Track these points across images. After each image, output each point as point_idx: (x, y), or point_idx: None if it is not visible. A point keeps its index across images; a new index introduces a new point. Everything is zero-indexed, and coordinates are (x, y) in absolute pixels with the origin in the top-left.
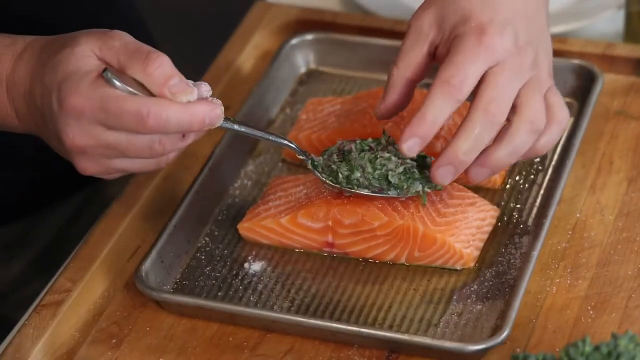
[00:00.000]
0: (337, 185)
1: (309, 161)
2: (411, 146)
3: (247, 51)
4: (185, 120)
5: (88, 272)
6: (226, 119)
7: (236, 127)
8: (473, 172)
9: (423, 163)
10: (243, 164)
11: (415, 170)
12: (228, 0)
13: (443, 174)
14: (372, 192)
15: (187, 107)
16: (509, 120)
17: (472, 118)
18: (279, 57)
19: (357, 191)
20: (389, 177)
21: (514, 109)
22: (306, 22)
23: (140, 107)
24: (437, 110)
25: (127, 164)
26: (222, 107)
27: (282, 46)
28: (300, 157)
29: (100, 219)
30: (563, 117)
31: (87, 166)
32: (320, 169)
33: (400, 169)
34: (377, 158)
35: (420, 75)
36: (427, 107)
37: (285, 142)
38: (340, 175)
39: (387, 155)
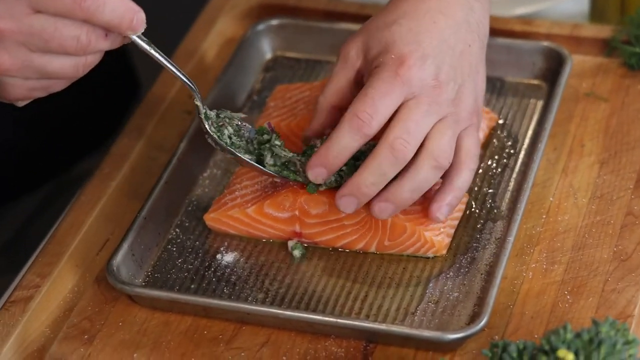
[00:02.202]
0: (221, 143)
1: (203, 112)
2: (317, 174)
3: (211, 38)
4: (120, 10)
5: (57, 267)
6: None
7: (149, 48)
8: (376, 207)
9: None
10: (212, 153)
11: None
12: None
13: (345, 203)
14: (250, 158)
15: None
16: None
17: (378, 152)
18: (244, 43)
19: (238, 154)
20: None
21: (422, 144)
22: (270, 7)
23: None
24: (342, 144)
25: (46, 61)
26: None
27: (247, 32)
28: (197, 102)
29: (66, 212)
30: (472, 160)
31: (1, 58)
32: (210, 123)
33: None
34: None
35: (345, 102)
36: (334, 139)
37: (189, 83)
38: (226, 133)
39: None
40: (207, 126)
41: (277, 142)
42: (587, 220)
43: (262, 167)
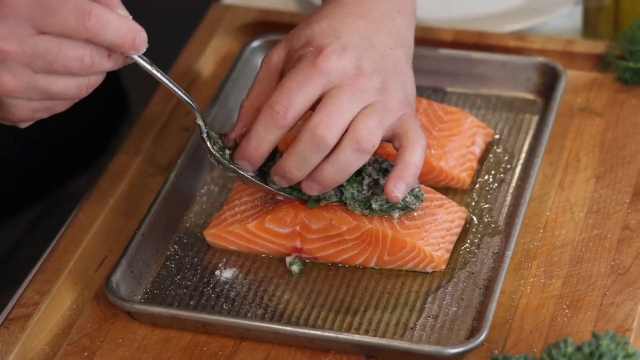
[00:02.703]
0: (224, 162)
1: (205, 132)
2: (243, 165)
3: (207, 55)
4: (122, 30)
5: (55, 285)
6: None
7: (151, 68)
8: (304, 185)
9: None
10: (209, 169)
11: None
12: (184, 3)
13: (278, 181)
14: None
15: (126, 18)
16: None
17: (300, 138)
18: (241, 60)
19: (241, 172)
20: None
21: (347, 128)
22: (265, 24)
23: (84, 4)
24: (259, 137)
25: (50, 82)
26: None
27: (244, 49)
28: (199, 122)
29: (64, 229)
30: (418, 137)
31: (5, 80)
32: (212, 142)
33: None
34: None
35: None
36: (252, 132)
37: (192, 103)
38: (227, 152)
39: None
40: (209, 145)
41: None
42: (584, 234)
43: (265, 185)
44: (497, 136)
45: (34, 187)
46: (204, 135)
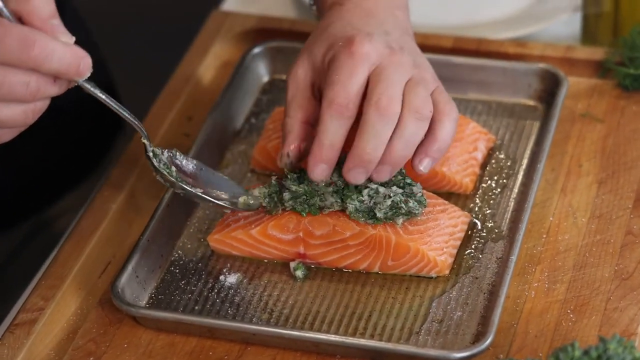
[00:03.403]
0: (170, 179)
1: (151, 150)
2: (319, 172)
3: (207, 62)
4: (67, 58)
5: (60, 290)
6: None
7: (95, 90)
8: (377, 171)
9: (410, 191)
10: None
11: (403, 205)
12: (184, 10)
13: (355, 175)
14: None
15: (70, 46)
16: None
17: (367, 117)
18: (241, 66)
19: (188, 188)
20: (376, 211)
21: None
22: (265, 30)
23: (28, 34)
24: (331, 133)
25: (6, 113)
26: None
27: (244, 55)
28: (144, 141)
29: (68, 235)
30: (451, 109)
31: None
32: (158, 160)
33: (388, 202)
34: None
35: (311, 116)
36: (322, 132)
37: (136, 123)
38: (174, 169)
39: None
40: (155, 163)
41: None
42: (587, 239)
43: (214, 200)
44: (498, 142)
45: (37, 194)
46: (150, 153)
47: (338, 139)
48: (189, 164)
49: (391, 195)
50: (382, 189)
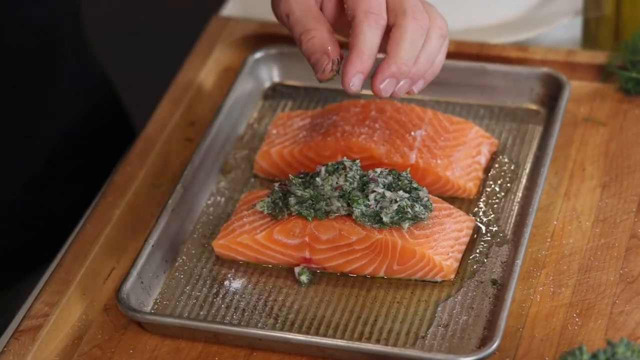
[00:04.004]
0: None
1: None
2: (358, 82)
3: (208, 67)
4: None
5: (64, 296)
6: None
7: None
8: (397, 88)
9: (416, 195)
10: (214, 180)
11: (409, 210)
12: (184, 16)
13: (388, 86)
14: None
15: None
16: None
17: (404, 27)
18: (243, 72)
19: None
20: (382, 216)
21: None
22: (265, 36)
23: None
24: (370, 41)
25: None
26: None
27: (245, 61)
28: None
29: (72, 241)
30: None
31: None
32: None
33: (395, 207)
34: (371, 191)
35: (332, 22)
36: (361, 41)
37: None
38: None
39: (380, 190)
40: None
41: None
42: (591, 243)
43: None
44: (501, 146)
45: (39, 198)
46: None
47: (376, 48)
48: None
49: (397, 199)
50: (388, 194)
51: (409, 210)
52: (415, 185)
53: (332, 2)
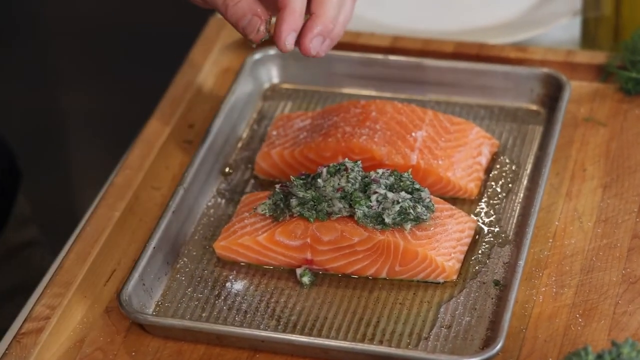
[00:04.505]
0: None
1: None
2: (290, 40)
3: (207, 68)
4: None
5: (66, 298)
6: None
7: None
8: (324, 44)
9: (418, 196)
10: (215, 182)
11: (411, 211)
12: (182, 18)
13: (317, 45)
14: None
15: None
16: None
17: None
18: (242, 73)
19: None
20: (384, 217)
21: None
22: None
23: None
24: (300, 1)
25: None
26: None
27: (245, 62)
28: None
29: (72, 243)
30: None
31: None
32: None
33: (397, 208)
34: (373, 192)
35: None
36: (292, 0)
37: None
38: None
39: (382, 191)
40: None
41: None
42: (593, 243)
43: None
44: (502, 146)
45: (39, 200)
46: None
47: (305, 6)
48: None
49: (399, 200)
50: (390, 195)
51: (411, 211)
52: (417, 186)
53: None
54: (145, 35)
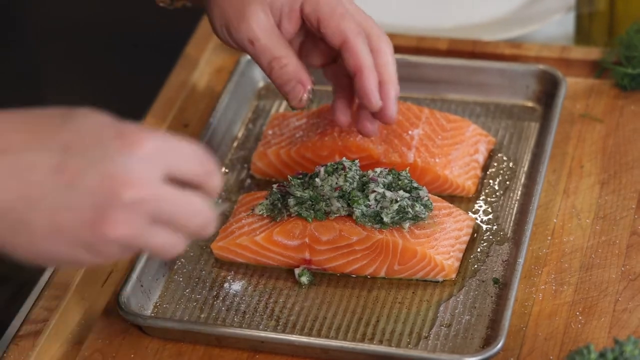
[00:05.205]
0: None
1: None
2: (377, 97)
3: (200, 68)
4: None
5: (63, 300)
6: None
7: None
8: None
9: (416, 195)
10: None
11: (410, 210)
12: (174, 18)
13: (395, 108)
14: None
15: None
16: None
17: (383, 50)
18: (236, 72)
19: None
20: (383, 216)
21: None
22: None
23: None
24: (369, 58)
25: (159, 240)
26: None
27: (239, 61)
28: None
29: None
30: None
31: (121, 222)
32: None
33: (395, 207)
34: (372, 191)
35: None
36: (367, 59)
37: None
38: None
39: (380, 189)
40: None
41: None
42: (592, 240)
43: None
44: (498, 144)
45: None
46: None
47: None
48: None
49: (398, 199)
50: (388, 194)
51: (410, 210)
52: (415, 184)
53: (292, 25)
54: (138, 34)
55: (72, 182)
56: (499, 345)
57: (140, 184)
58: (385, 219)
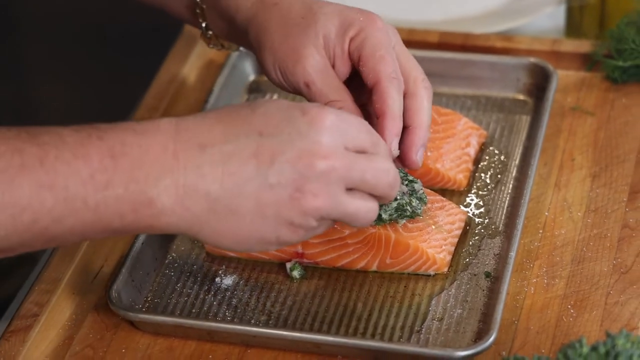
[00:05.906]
0: None
1: None
2: (394, 145)
3: (190, 61)
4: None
5: (54, 295)
6: None
7: None
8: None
9: (412, 188)
10: None
11: (408, 207)
12: (163, 12)
13: (420, 156)
14: None
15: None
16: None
17: (420, 95)
18: (227, 66)
19: None
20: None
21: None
22: None
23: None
24: (399, 105)
25: (354, 206)
26: None
27: (229, 55)
28: None
29: None
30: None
31: (318, 192)
32: None
33: (394, 205)
34: None
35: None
36: (392, 105)
37: None
38: None
39: None
40: None
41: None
42: (584, 233)
43: None
44: (490, 137)
45: None
46: None
47: (402, 111)
48: None
49: (397, 197)
50: None
51: (408, 208)
52: (410, 177)
53: (345, 66)
54: (128, 28)
55: (271, 162)
56: (491, 339)
57: (331, 153)
58: (384, 216)
